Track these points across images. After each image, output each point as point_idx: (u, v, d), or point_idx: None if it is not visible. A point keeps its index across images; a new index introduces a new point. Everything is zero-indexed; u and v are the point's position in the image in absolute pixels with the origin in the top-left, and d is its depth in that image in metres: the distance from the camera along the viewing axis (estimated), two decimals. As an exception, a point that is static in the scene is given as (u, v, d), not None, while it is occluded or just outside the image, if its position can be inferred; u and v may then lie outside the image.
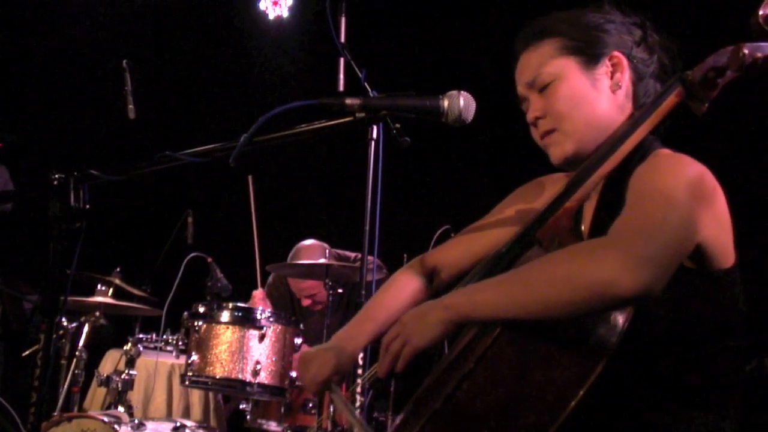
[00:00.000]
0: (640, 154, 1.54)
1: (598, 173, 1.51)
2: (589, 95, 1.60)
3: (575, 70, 1.61)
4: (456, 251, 1.86)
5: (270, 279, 4.56)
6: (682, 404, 1.43)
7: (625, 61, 1.61)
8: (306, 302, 4.44)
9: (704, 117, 1.51)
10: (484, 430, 1.27)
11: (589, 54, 1.61)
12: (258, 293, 4.24)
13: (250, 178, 4.47)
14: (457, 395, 1.28)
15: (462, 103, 1.65)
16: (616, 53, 1.61)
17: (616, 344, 1.28)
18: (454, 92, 1.66)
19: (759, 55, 1.43)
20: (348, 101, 1.65)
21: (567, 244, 1.41)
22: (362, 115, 1.65)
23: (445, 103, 1.65)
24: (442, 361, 1.56)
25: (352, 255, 4.30)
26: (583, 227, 1.61)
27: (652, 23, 1.67)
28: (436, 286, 1.87)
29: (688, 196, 1.37)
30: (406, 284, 1.86)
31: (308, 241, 4.45)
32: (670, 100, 1.52)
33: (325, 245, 4.39)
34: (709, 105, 1.51)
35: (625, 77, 1.61)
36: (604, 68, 1.61)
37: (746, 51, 1.42)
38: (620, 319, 1.30)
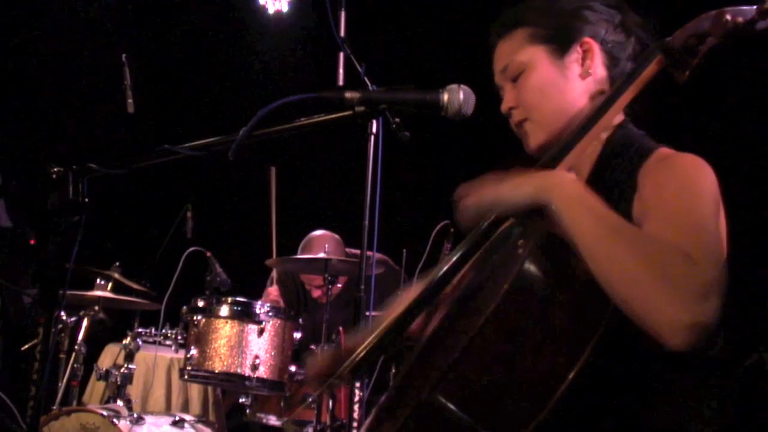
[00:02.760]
0: (636, 147, 1.51)
1: (579, 145, 1.49)
2: (557, 84, 1.60)
3: (544, 59, 1.61)
4: None
5: (274, 274, 4.56)
6: (651, 403, 1.41)
7: (596, 47, 1.60)
8: (316, 293, 4.44)
9: (685, 86, 1.48)
10: (469, 420, 1.27)
11: (560, 42, 1.61)
12: (272, 290, 4.24)
13: (272, 169, 4.48)
14: (442, 386, 1.28)
15: (462, 96, 1.65)
16: (586, 39, 1.60)
17: (603, 328, 1.27)
18: (454, 86, 1.66)
19: (740, 20, 1.39)
20: (348, 94, 1.64)
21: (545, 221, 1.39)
22: (362, 108, 1.65)
23: (445, 96, 1.65)
24: (422, 341, 1.55)
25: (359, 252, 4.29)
26: None
27: (628, 2, 1.64)
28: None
29: (716, 219, 1.37)
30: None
31: (318, 232, 4.45)
32: (651, 69, 1.49)
33: (336, 236, 4.39)
34: (690, 73, 1.47)
35: (596, 63, 1.60)
36: (574, 55, 1.60)
37: (729, 17, 1.39)
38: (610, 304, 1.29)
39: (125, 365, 3.64)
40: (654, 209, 1.38)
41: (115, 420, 3.30)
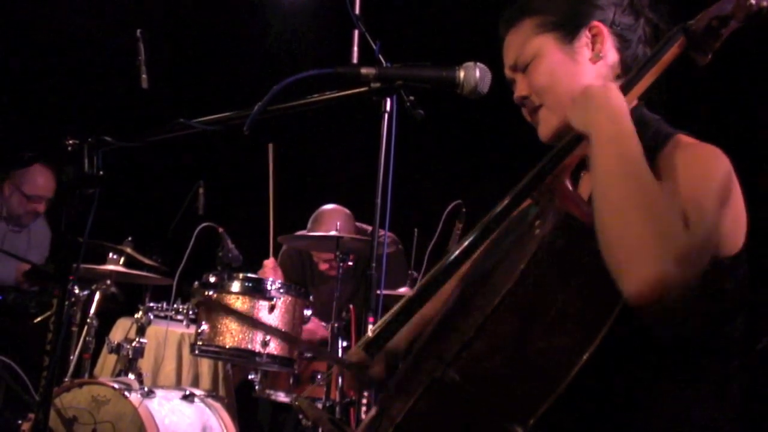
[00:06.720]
0: (652, 131, 1.50)
1: None
2: (568, 69, 1.59)
3: (553, 47, 1.59)
4: None
5: (283, 248, 4.57)
6: (672, 386, 1.41)
7: (605, 30, 1.59)
8: (323, 266, 4.44)
9: (706, 69, 1.47)
10: (482, 398, 1.27)
11: (567, 28, 1.59)
12: (269, 262, 4.24)
13: (270, 146, 4.44)
14: (456, 364, 1.28)
15: (478, 74, 1.65)
16: (595, 23, 1.59)
17: (616, 312, 1.27)
18: (470, 63, 1.66)
19: (765, 3, 1.38)
20: (363, 70, 1.64)
21: (564, 202, 1.39)
22: (377, 84, 1.65)
23: (461, 74, 1.64)
24: (436, 319, 1.55)
25: (370, 228, 4.29)
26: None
27: None
28: None
29: (719, 205, 1.38)
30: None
31: (329, 206, 4.44)
32: (672, 51, 1.47)
33: (347, 211, 4.38)
34: (712, 56, 1.46)
35: (607, 47, 1.59)
36: (583, 40, 1.59)
37: (753, 0, 1.38)
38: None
39: (136, 339, 3.66)
40: (664, 185, 1.38)
41: (126, 393, 3.33)
